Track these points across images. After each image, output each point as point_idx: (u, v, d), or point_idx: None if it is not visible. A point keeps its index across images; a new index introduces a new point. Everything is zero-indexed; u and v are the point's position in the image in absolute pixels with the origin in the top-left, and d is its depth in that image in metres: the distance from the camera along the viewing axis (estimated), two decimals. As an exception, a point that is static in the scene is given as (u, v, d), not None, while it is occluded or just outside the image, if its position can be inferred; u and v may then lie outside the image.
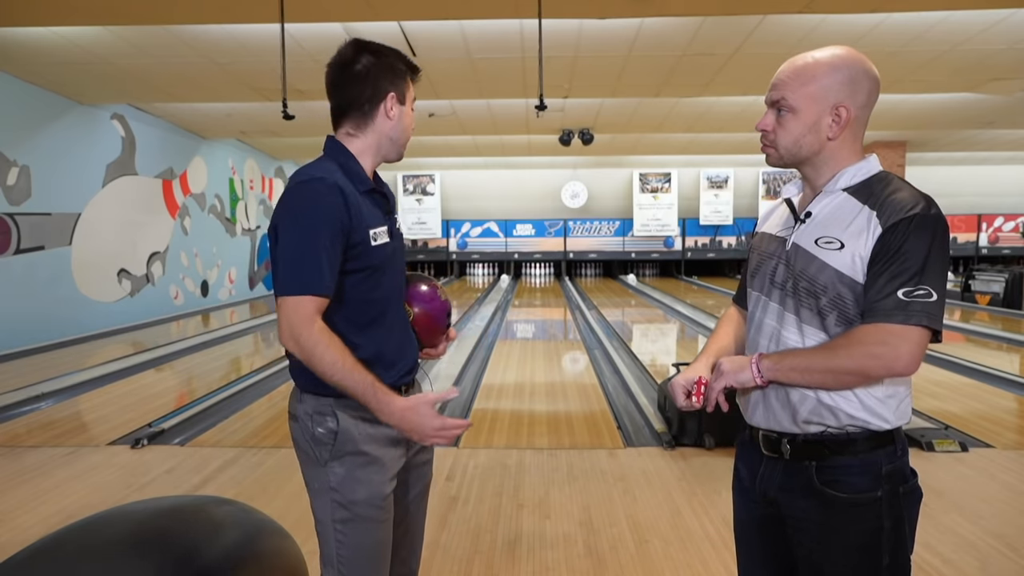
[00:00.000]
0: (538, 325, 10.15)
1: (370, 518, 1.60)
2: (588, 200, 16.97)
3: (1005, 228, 16.99)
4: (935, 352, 6.67)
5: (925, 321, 1.28)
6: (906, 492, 1.38)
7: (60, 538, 1.55)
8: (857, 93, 1.38)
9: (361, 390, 1.49)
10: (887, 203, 1.33)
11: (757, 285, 1.52)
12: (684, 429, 4.08)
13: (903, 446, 1.40)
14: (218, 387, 5.72)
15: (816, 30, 6.19)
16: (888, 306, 1.29)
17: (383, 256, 1.62)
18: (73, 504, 3.30)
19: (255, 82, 7.77)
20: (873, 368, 1.31)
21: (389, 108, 1.62)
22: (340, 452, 1.58)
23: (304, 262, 1.49)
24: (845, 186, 1.40)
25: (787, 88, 1.40)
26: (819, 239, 1.39)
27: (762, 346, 1.47)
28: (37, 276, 7.72)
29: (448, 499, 3.33)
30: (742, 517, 1.58)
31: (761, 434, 1.47)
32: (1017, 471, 3.66)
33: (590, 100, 9.20)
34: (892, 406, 1.37)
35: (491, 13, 5.80)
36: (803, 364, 1.36)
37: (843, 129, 1.39)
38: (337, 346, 1.49)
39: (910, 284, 1.28)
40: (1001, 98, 8.91)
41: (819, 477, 1.38)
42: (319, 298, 1.50)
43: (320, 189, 1.52)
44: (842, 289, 1.35)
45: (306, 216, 1.50)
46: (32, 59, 6.93)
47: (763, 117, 1.45)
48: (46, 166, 7.88)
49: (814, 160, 1.43)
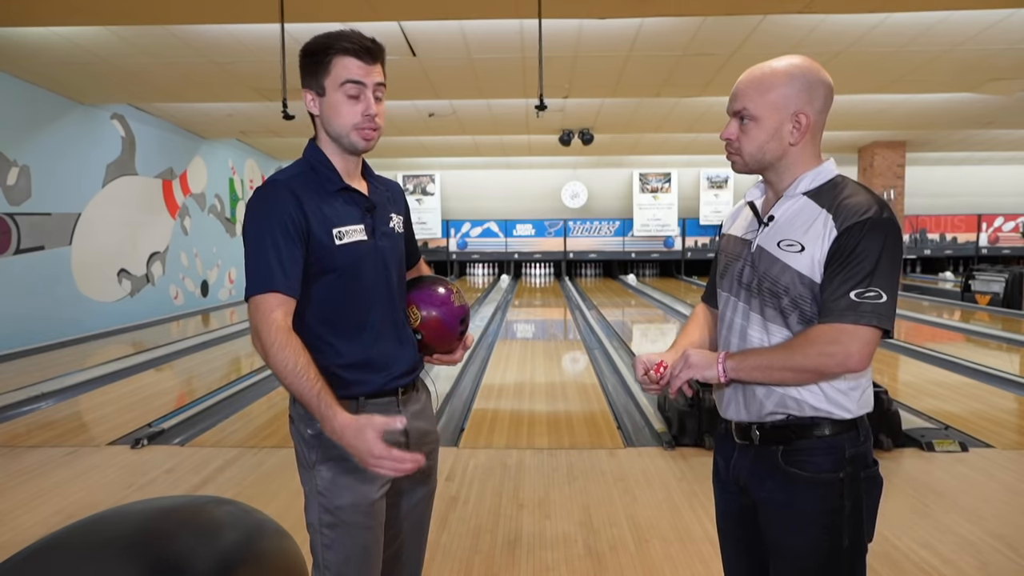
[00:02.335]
0: (538, 325, 10.14)
1: (355, 524, 1.57)
2: (588, 200, 16.97)
3: (1005, 228, 16.98)
4: (935, 352, 6.68)
5: (875, 321, 1.35)
6: (868, 477, 1.46)
7: (60, 538, 1.54)
8: (814, 99, 1.45)
9: (307, 397, 1.45)
10: (842, 207, 1.40)
11: (726, 286, 1.59)
12: (684, 429, 4.08)
13: (866, 433, 1.48)
14: (218, 387, 5.72)
15: (816, 30, 6.19)
16: (841, 307, 1.36)
17: (355, 255, 1.58)
18: (73, 504, 3.30)
19: (255, 82, 7.77)
20: (827, 365, 1.38)
21: (309, 103, 1.60)
22: (326, 456, 1.57)
23: (257, 261, 1.50)
24: (805, 190, 1.47)
25: (748, 98, 1.46)
26: (781, 242, 1.46)
27: (733, 344, 1.55)
28: (37, 276, 7.72)
29: (448, 499, 3.33)
30: (722, 509, 1.65)
31: (734, 424, 1.55)
32: (1017, 471, 3.66)
33: (590, 100, 9.20)
34: (855, 397, 1.45)
35: (491, 13, 5.80)
36: (764, 363, 1.43)
37: (804, 135, 1.45)
38: (293, 347, 1.46)
39: (861, 286, 1.35)
40: (1001, 98, 8.91)
41: (784, 459, 1.47)
42: (277, 295, 1.48)
43: (268, 190, 1.53)
44: (802, 290, 1.42)
45: (256, 217, 1.52)
46: (32, 59, 6.93)
47: (727, 127, 1.51)
48: (46, 166, 7.88)
49: (777, 165, 1.49)
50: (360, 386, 1.60)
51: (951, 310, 10.79)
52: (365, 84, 1.55)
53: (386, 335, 1.65)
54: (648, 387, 1.56)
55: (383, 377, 1.62)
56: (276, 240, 1.50)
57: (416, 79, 7.68)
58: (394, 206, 1.74)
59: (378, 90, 1.58)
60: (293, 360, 1.45)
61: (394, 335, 1.67)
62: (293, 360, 1.45)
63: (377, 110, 1.57)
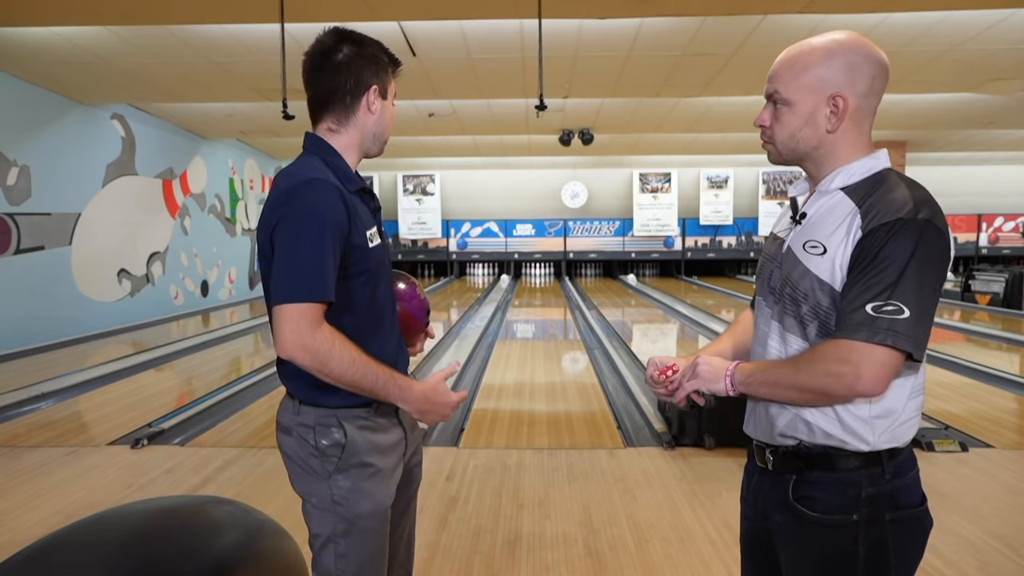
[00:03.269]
0: (538, 325, 10.14)
1: (371, 530, 1.55)
2: (588, 200, 16.97)
3: (1005, 228, 16.99)
4: (935, 352, 6.67)
5: (890, 340, 1.16)
6: (897, 520, 1.26)
7: (60, 538, 1.54)
8: (857, 81, 1.27)
9: (382, 383, 1.46)
10: (873, 204, 1.23)
11: (759, 289, 1.46)
12: (684, 429, 4.08)
13: (897, 470, 1.27)
14: (218, 387, 5.71)
15: (816, 30, 6.11)
16: (855, 321, 1.19)
17: (379, 258, 1.57)
18: (73, 504, 3.30)
19: (255, 82, 7.77)
20: (833, 387, 1.21)
21: (371, 101, 1.55)
22: (346, 464, 1.52)
23: (310, 266, 1.40)
24: (842, 185, 1.30)
25: (780, 80, 1.32)
26: (806, 243, 1.31)
27: (755, 353, 1.43)
28: (37, 276, 7.72)
29: (448, 499, 3.33)
30: (743, 527, 1.53)
31: (754, 444, 1.43)
32: (1017, 471, 3.66)
33: (590, 100, 9.20)
34: (880, 427, 1.25)
35: (491, 13, 5.80)
36: (772, 378, 1.29)
37: (842, 121, 1.29)
38: (349, 344, 1.43)
39: (880, 298, 1.17)
40: (1001, 98, 8.91)
41: (794, 492, 1.31)
42: (322, 306, 1.43)
43: (321, 189, 1.44)
44: (821, 297, 1.27)
45: (308, 218, 1.41)
46: (32, 59, 6.93)
47: (761, 112, 1.38)
48: (46, 166, 7.88)
49: (814, 155, 1.33)
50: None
51: (951, 310, 10.80)
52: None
53: (394, 336, 1.66)
54: (656, 390, 1.47)
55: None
56: (330, 244, 1.42)
57: (416, 79, 7.68)
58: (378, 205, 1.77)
59: None
60: (357, 355, 1.43)
61: (397, 333, 1.69)
62: (357, 355, 1.43)
63: None
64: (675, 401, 1.44)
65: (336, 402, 1.51)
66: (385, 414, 1.59)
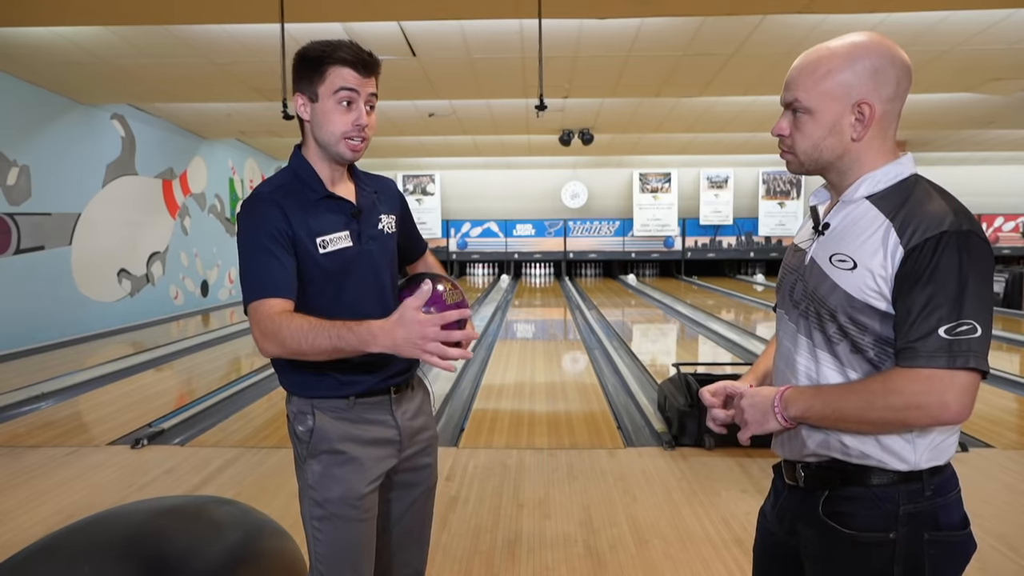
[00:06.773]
0: (538, 325, 10.14)
1: (344, 516, 1.59)
2: (588, 200, 16.97)
3: (1005, 228, 16.98)
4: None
5: (972, 363, 1.09)
6: (936, 541, 1.19)
7: (60, 538, 1.55)
8: (882, 85, 1.21)
9: (336, 339, 1.44)
10: (910, 217, 1.16)
11: (780, 302, 1.39)
12: (684, 429, 4.08)
13: (938, 488, 1.21)
14: (218, 387, 5.71)
15: (816, 30, 6.19)
16: (930, 347, 1.10)
17: (340, 261, 1.59)
18: (73, 504, 3.30)
19: (255, 82, 7.77)
20: (917, 419, 1.14)
21: (300, 108, 1.60)
22: (316, 450, 1.61)
23: (252, 273, 1.53)
24: (868, 194, 1.24)
25: (800, 87, 1.24)
26: (833, 256, 1.24)
27: (780, 370, 1.36)
28: (37, 276, 7.72)
29: (448, 499, 3.33)
30: (759, 538, 1.47)
31: (782, 461, 1.37)
32: (1017, 471, 3.66)
33: (590, 100, 9.20)
34: (922, 446, 1.19)
35: (491, 13, 5.80)
36: (836, 413, 1.20)
37: (868, 128, 1.22)
38: (298, 316, 1.48)
39: (950, 319, 1.10)
40: (1001, 98, 8.91)
41: (824, 508, 1.25)
42: (276, 300, 1.50)
43: (253, 204, 1.57)
44: (853, 314, 1.20)
45: (245, 229, 1.55)
46: (32, 59, 6.93)
47: (779, 120, 1.30)
48: (46, 166, 7.88)
49: (838, 165, 1.26)
50: (352, 386, 1.62)
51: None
52: (359, 93, 1.56)
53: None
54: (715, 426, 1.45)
55: (376, 377, 1.64)
56: (268, 248, 1.52)
57: (416, 79, 7.68)
58: (384, 206, 1.74)
59: (370, 100, 1.59)
60: (307, 322, 1.46)
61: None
62: (307, 322, 1.46)
63: (368, 121, 1.59)
64: (743, 443, 1.39)
65: (312, 392, 1.61)
66: (372, 409, 1.64)
